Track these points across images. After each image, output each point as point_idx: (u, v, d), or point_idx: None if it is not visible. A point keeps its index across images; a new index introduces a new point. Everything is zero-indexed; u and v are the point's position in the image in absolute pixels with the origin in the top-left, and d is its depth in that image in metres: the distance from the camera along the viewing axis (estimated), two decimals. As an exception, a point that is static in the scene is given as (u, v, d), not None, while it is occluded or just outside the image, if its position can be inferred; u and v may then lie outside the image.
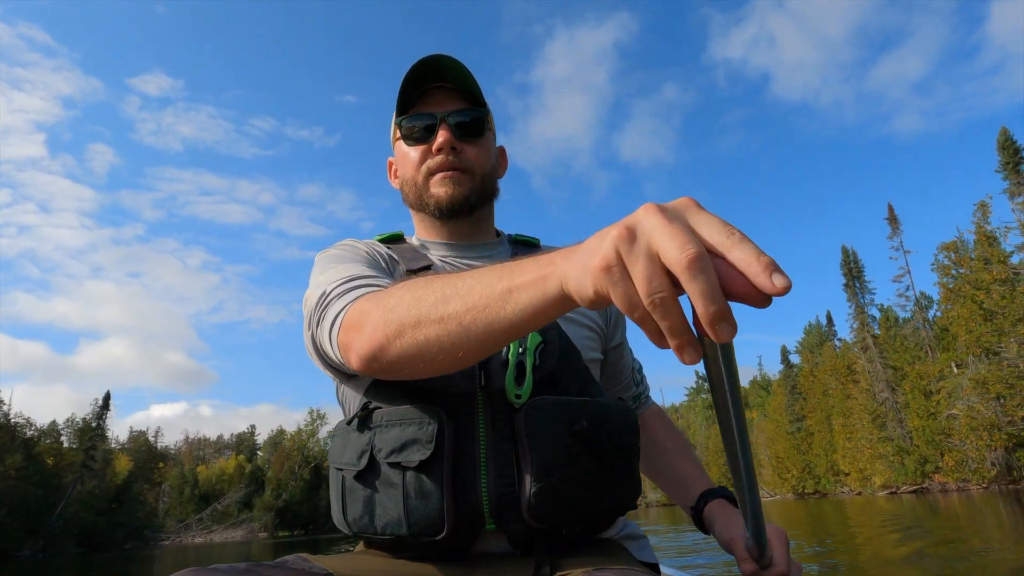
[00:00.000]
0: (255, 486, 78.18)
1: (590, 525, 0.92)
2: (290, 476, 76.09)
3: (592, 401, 0.92)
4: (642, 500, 72.33)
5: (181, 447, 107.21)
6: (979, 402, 27.81)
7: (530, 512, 0.84)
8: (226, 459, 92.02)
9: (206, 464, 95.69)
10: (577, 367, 0.97)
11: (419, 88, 1.09)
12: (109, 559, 28.25)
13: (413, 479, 0.84)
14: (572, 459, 0.85)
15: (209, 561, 9.12)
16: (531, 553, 0.88)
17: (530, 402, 0.87)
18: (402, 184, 1.14)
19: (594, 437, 0.87)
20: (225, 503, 72.07)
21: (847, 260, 45.48)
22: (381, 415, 0.89)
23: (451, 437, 0.86)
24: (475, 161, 1.08)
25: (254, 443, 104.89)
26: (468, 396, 0.89)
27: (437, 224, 1.13)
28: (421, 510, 0.84)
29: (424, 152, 1.08)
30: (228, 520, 69.34)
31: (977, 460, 29.62)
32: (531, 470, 0.84)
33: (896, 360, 39.00)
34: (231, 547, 28.16)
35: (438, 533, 0.84)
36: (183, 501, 73.67)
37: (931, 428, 33.09)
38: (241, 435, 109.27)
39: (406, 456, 0.85)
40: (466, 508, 0.85)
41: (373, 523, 0.88)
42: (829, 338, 55.18)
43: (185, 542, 60.47)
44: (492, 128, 1.15)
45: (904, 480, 36.40)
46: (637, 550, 1.06)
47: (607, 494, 0.90)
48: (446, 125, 1.06)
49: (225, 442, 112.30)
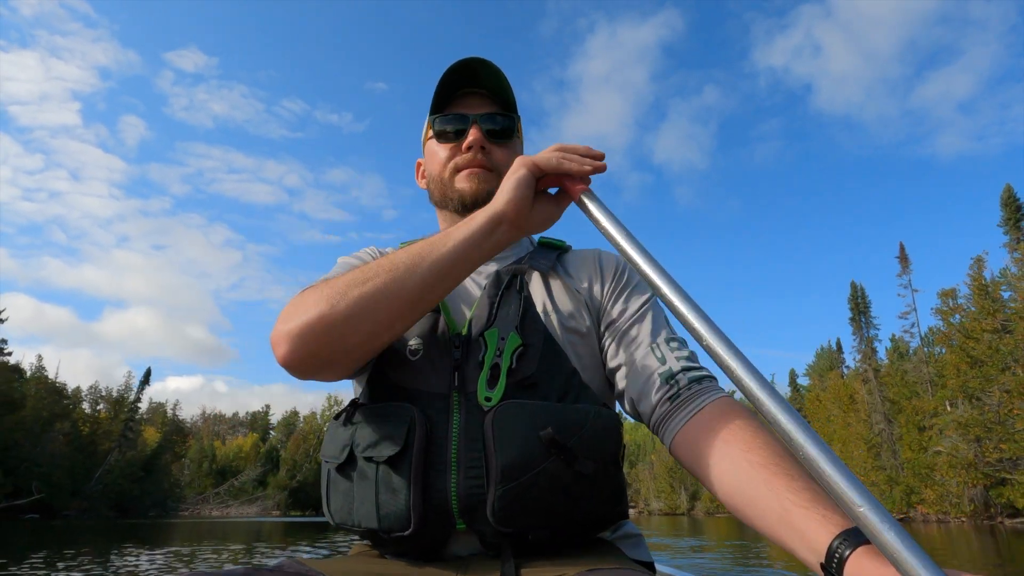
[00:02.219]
0: (270, 465, 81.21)
1: (560, 531, 0.89)
2: (305, 458, 78.68)
3: (566, 407, 0.90)
4: (644, 507, 72.91)
5: (198, 421, 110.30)
6: (961, 442, 29.85)
7: (494, 515, 0.83)
8: (243, 436, 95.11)
9: (221, 440, 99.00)
10: (560, 372, 0.95)
11: (455, 91, 1.13)
12: (141, 525, 30.01)
13: (384, 473, 0.87)
14: (538, 464, 0.84)
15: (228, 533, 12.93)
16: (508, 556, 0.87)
17: (498, 406, 0.88)
18: (429, 182, 1.17)
19: (562, 443, 0.85)
20: (242, 480, 74.91)
21: (855, 295, 47.41)
22: (363, 412, 0.93)
23: (422, 435, 0.87)
24: (502, 163, 1.11)
25: (268, 422, 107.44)
26: (443, 396, 0.91)
27: (459, 221, 1.09)
28: (389, 504, 0.86)
29: (453, 150, 1.11)
30: (243, 496, 72.17)
31: (957, 495, 31.65)
32: (496, 473, 0.84)
33: (894, 394, 40.90)
34: (246, 525, 29.87)
35: (405, 528, 0.85)
36: (201, 475, 76.76)
37: (919, 462, 35.12)
38: (255, 413, 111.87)
39: (378, 451, 0.87)
40: (433, 506, 0.86)
41: (351, 515, 0.90)
42: (837, 365, 56.91)
43: (203, 514, 63.39)
44: (521, 135, 1.19)
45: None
46: (631, 549, 1.02)
47: (579, 502, 0.87)
48: (477, 126, 1.09)
49: (240, 419, 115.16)
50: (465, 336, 0.97)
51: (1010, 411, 26.21)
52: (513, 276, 1.05)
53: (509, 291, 1.02)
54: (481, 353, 0.94)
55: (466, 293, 1.08)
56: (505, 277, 1.05)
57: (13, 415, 40.29)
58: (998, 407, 27.05)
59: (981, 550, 13.70)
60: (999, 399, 26.97)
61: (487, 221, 0.88)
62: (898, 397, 40.23)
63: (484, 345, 0.94)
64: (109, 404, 55.61)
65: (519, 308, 0.99)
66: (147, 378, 57.83)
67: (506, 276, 1.05)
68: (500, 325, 0.97)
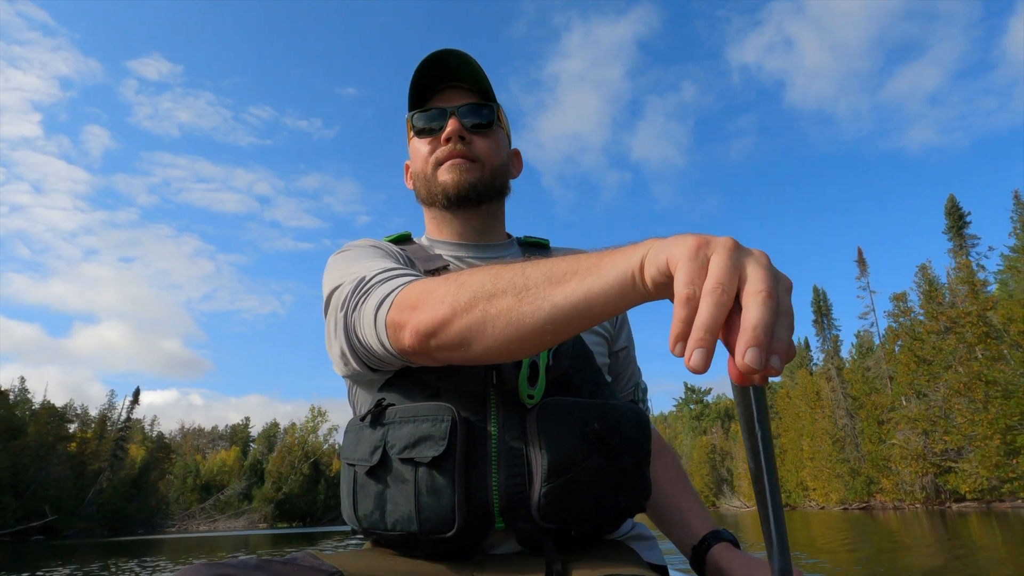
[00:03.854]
0: (255, 478, 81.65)
1: (599, 526, 0.90)
2: (290, 470, 79.31)
3: (605, 403, 0.92)
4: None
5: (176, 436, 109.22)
6: (911, 435, 32.67)
7: (540, 512, 0.83)
8: (225, 450, 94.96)
9: (202, 454, 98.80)
10: (590, 369, 0.97)
11: (431, 85, 1.10)
12: (140, 542, 30.25)
13: (425, 475, 0.84)
14: (584, 460, 0.85)
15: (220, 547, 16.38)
16: (539, 553, 0.88)
17: (542, 402, 0.87)
18: (414, 180, 1.14)
19: (606, 439, 0.86)
20: (228, 494, 75.33)
21: (817, 299, 50.37)
22: (395, 412, 0.89)
23: (463, 434, 0.85)
24: (484, 152, 1.08)
25: (247, 435, 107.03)
26: (481, 395, 0.89)
27: (447, 218, 1.12)
28: (432, 507, 0.84)
29: (434, 143, 1.08)
30: (229, 510, 72.62)
31: (910, 484, 34.42)
32: (541, 470, 0.83)
33: (856, 390, 43.70)
34: (233, 539, 30.20)
35: (448, 530, 0.83)
36: (186, 491, 76.76)
37: (877, 454, 37.88)
38: (235, 426, 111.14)
39: (419, 452, 0.84)
40: (476, 505, 0.84)
41: (384, 519, 0.87)
42: (806, 363, 59.70)
43: (191, 529, 63.49)
44: (505, 125, 1.15)
45: (854, 498, 41.12)
46: (646, 551, 1.03)
47: (618, 496, 0.89)
48: (455, 117, 1.07)
49: (219, 433, 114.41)
50: None
51: (952, 406, 28.80)
52: None
53: None
54: None
55: None
56: None
57: (18, 440, 40.95)
58: (942, 403, 29.73)
59: (932, 530, 15.22)
60: (943, 395, 29.65)
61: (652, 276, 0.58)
62: (859, 393, 42.98)
63: None
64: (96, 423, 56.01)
65: None
66: (136, 397, 58.32)
67: None
68: None
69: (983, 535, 13.16)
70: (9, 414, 41.26)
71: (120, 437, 55.51)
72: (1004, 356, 26.58)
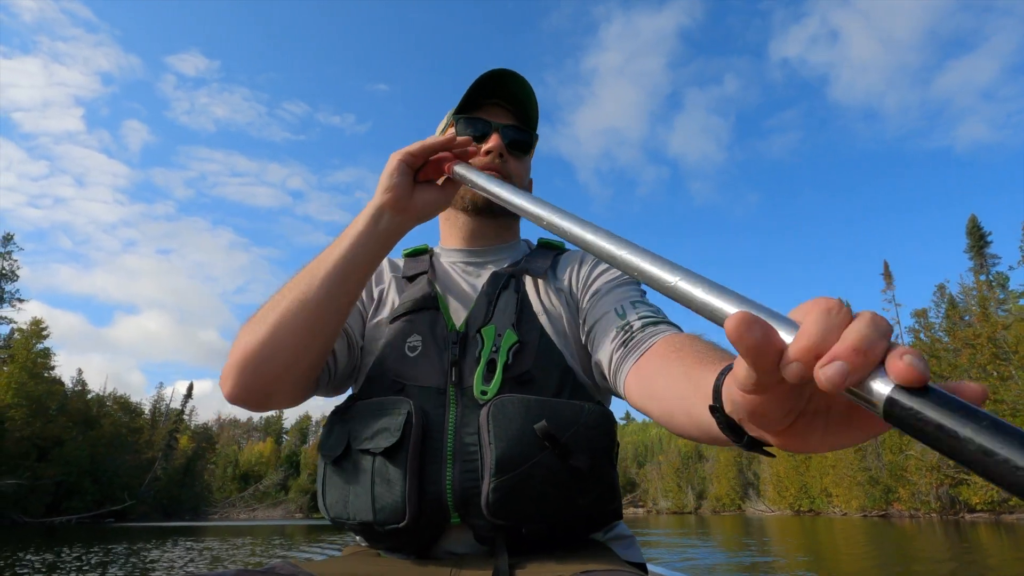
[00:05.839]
0: (291, 469, 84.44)
1: (554, 526, 0.90)
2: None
3: (562, 402, 0.92)
4: (652, 507, 76.02)
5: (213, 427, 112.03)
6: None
7: (489, 508, 0.85)
8: (261, 442, 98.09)
9: (238, 445, 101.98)
10: (555, 369, 0.97)
11: (483, 97, 1.13)
12: (194, 528, 32.09)
13: (380, 465, 0.88)
14: (532, 457, 0.86)
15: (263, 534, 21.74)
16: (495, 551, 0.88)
17: (494, 399, 0.90)
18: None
19: (556, 437, 0.86)
20: (265, 484, 78.04)
21: (842, 309, 51.16)
22: (361, 406, 0.96)
23: (419, 427, 0.89)
24: (515, 173, 1.13)
25: (280, 427, 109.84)
26: (440, 391, 0.94)
27: (462, 221, 1.18)
28: (385, 497, 0.87)
29: (473, 150, 1.07)
30: (267, 500, 75.23)
31: (926, 494, 35.65)
32: (491, 465, 0.85)
33: (878, 401, 44.58)
34: (270, 528, 31.80)
35: (400, 520, 0.86)
36: (226, 480, 79.81)
37: (896, 464, 39.09)
38: (269, 419, 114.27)
39: (375, 443, 0.89)
40: (429, 498, 0.87)
41: (346, 509, 0.91)
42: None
43: (232, 517, 66.11)
44: (532, 153, 1.20)
45: (873, 505, 42.26)
46: (623, 550, 1.02)
47: (573, 496, 0.88)
48: (499, 134, 1.10)
49: (253, 424, 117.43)
50: (463, 333, 1.00)
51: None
52: (510, 277, 1.08)
53: (506, 291, 1.06)
54: (478, 349, 0.97)
55: (465, 294, 1.11)
56: (502, 278, 1.08)
57: (94, 431, 44.61)
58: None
59: (945, 539, 15.91)
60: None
61: (369, 213, 0.91)
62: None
63: (481, 341, 0.98)
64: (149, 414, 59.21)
65: (516, 307, 1.02)
66: (190, 392, 62.24)
67: (503, 277, 1.08)
68: (497, 322, 1.00)
69: (992, 545, 13.76)
70: (86, 407, 44.85)
71: (173, 428, 59.02)
72: (1012, 376, 27.86)
